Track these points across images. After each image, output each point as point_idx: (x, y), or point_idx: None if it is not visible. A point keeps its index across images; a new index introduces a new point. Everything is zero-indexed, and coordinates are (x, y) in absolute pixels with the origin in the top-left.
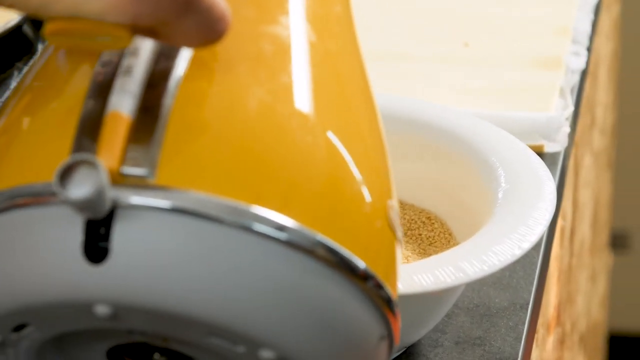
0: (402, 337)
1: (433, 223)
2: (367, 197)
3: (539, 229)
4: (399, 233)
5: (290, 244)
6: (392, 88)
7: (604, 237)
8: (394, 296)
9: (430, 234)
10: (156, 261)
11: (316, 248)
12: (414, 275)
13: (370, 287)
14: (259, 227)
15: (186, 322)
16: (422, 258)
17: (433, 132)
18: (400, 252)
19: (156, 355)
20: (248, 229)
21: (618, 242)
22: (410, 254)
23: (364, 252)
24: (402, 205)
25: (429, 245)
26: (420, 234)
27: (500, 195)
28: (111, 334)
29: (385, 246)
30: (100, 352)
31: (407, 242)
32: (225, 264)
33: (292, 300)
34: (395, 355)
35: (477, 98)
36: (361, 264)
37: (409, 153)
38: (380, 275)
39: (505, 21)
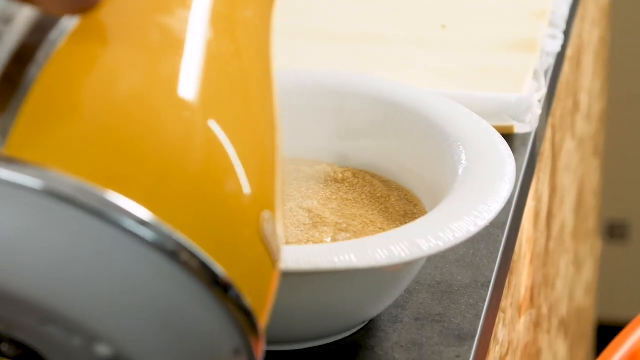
0: (361, 312)
1: None
2: (241, 201)
3: (496, 207)
4: (274, 247)
5: (147, 242)
6: (368, 69)
7: (591, 224)
8: (254, 311)
9: None
10: None
11: (177, 250)
12: (369, 250)
13: (229, 297)
14: (112, 215)
15: (20, 304)
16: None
17: (396, 109)
18: (276, 271)
19: (3, 347)
20: (101, 215)
21: (617, 232)
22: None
23: (225, 259)
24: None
25: None
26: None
27: (460, 172)
28: None
29: (253, 258)
30: None
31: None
32: (66, 246)
33: (137, 296)
34: (354, 330)
35: (452, 79)
36: (220, 270)
37: (371, 130)
38: (241, 285)
39: (483, 3)
